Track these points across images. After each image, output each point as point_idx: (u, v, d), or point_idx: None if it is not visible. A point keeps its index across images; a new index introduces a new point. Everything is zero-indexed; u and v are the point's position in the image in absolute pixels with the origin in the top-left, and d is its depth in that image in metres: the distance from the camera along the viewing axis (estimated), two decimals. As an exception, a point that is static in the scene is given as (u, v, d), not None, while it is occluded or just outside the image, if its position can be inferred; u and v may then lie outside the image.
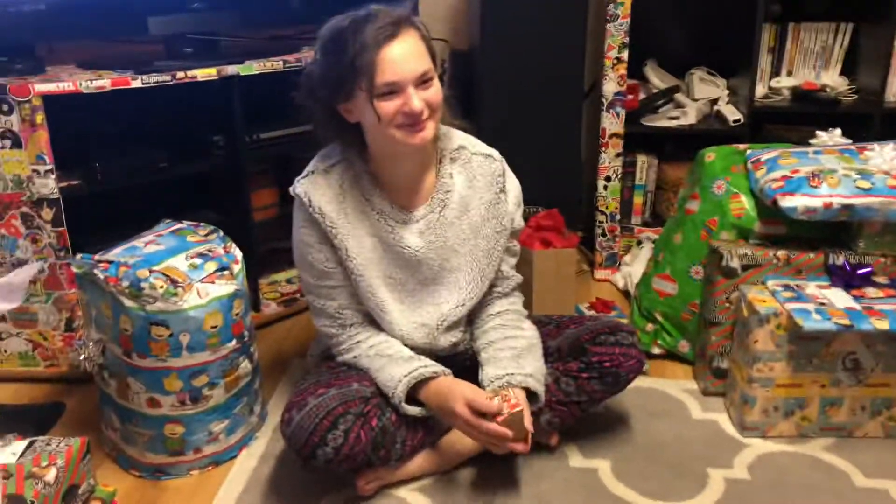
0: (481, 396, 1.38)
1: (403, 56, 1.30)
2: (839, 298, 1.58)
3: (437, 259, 1.49)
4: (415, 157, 1.43)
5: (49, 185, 1.69)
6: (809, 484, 1.49)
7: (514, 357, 1.46)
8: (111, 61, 1.91)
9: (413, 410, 1.42)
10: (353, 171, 1.45)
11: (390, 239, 1.46)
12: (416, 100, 1.32)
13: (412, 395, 1.43)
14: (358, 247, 1.45)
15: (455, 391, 1.39)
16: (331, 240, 1.44)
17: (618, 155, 2.31)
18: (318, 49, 1.37)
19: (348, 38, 1.30)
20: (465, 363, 1.55)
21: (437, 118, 1.39)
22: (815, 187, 1.62)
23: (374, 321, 1.51)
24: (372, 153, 1.44)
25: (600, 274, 2.43)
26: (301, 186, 1.44)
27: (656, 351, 1.94)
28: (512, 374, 1.43)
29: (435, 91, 1.35)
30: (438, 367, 1.44)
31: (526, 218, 2.08)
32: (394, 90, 1.31)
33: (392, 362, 1.45)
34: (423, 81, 1.33)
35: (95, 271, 1.46)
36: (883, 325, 1.48)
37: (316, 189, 1.43)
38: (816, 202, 1.61)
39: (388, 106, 1.32)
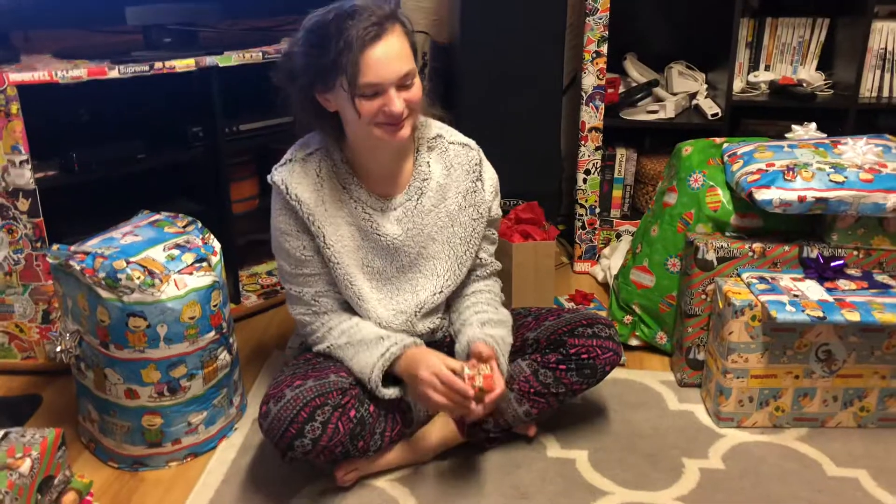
0: (450, 364, 1.38)
1: (387, 58, 1.30)
2: (813, 290, 1.60)
3: (414, 247, 1.50)
4: (392, 148, 1.43)
5: (25, 176, 1.68)
6: (782, 473, 1.51)
7: (481, 324, 1.48)
8: (88, 51, 1.90)
9: (390, 393, 1.43)
10: (331, 159, 1.46)
11: (368, 227, 1.47)
12: (398, 102, 1.33)
13: (390, 373, 1.44)
14: (335, 235, 1.45)
15: (421, 360, 1.40)
16: (308, 227, 1.44)
17: (597, 148, 2.33)
18: (302, 39, 1.35)
19: (332, 33, 1.29)
20: (443, 349, 1.55)
21: (416, 115, 1.40)
22: (790, 181, 1.65)
23: (349, 308, 1.52)
24: (349, 142, 1.44)
25: (580, 266, 2.45)
26: (278, 174, 1.45)
27: (634, 343, 1.96)
28: (474, 335, 1.44)
29: (416, 90, 1.36)
30: (409, 339, 1.45)
31: (506, 211, 2.09)
32: (376, 91, 1.32)
33: (363, 348, 1.45)
34: (404, 82, 1.34)
35: (72, 262, 1.45)
36: (854, 316, 1.50)
37: (293, 177, 1.44)
38: (791, 195, 1.63)
39: (368, 105, 1.32)
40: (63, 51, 1.93)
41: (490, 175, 1.55)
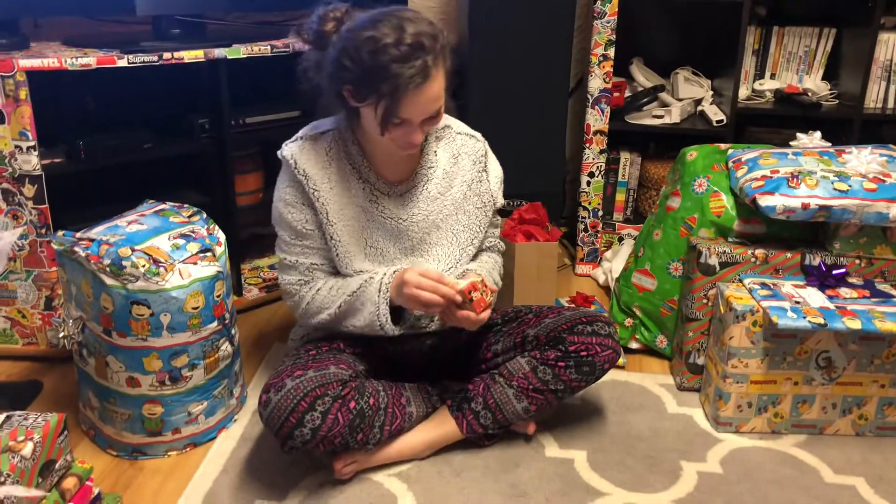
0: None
1: (426, 101, 1.35)
2: (814, 298, 1.60)
3: (418, 232, 1.53)
4: None
5: (32, 162, 1.68)
6: (780, 479, 1.52)
7: (478, 265, 1.58)
8: (97, 40, 1.90)
9: (397, 329, 1.46)
10: (343, 140, 1.49)
11: (374, 208, 1.50)
12: (420, 135, 1.38)
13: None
14: (339, 213, 1.48)
15: (408, 268, 1.43)
16: (313, 202, 1.47)
17: (601, 151, 2.33)
18: (349, 47, 1.32)
19: (383, 62, 1.29)
20: (447, 340, 1.58)
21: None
22: (794, 188, 1.65)
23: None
24: (363, 130, 1.47)
25: (581, 269, 2.45)
26: (288, 149, 1.48)
27: (634, 346, 1.97)
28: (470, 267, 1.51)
29: (438, 119, 1.41)
30: (396, 266, 1.48)
31: (509, 211, 2.10)
32: (404, 122, 1.36)
33: (358, 300, 1.46)
34: (432, 116, 1.38)
35: (76, 248, 1.46)
36: (855, 324, 1.51)
37: (303, 153, 1.47)
38: (795, 202, 1.64)
39: (393, 129, 1.37)
40: (72, 38, 1.94)
41: (495, 166, 1.60)
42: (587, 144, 2.33)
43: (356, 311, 1.47)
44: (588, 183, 2.37)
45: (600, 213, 2.40)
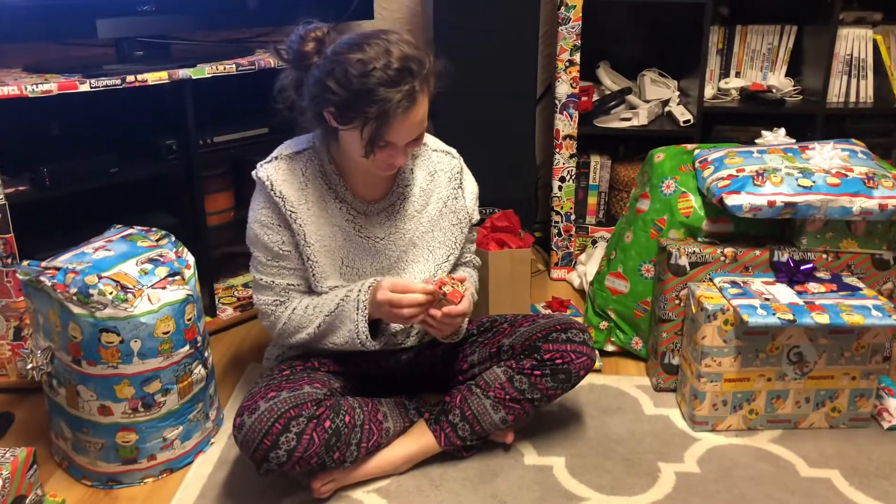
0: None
1: (412, 125, 1.35)
2: (783, 294, 1.62)
3: (395, 250, 1.53)
4: None
5: (-5, 192, 1.66)
6: (756, 475, 1.53)
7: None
8: (59, 65, 1.88)
9: (376, 344, 1.46)
10: (319, 160, 1.49)
11: (351, 228, 1.50)
12: (403, 157, 1.39)
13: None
14: (316, 234, 1.47)
15: (379, 284, 1.42)
16: (290, 224, 1.46)
17: (571, 156, 2.35)
18: (336, 70, 1.31)
19: (371, 86, 1.28)
20: (422, 354, 1.58)
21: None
22: (760, 186, 1.67)
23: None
24: (341, 149, 1.46)
25: (556, 273, 2.46)
26: (263, 171, 1.47)
27: (610, 348, 1.97)
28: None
29: (420, 141, 1.42)
30: (368, 280, 1.47)
31: (482, 219, 2.10)
32: (389, 145, 1.36)
33: (337, 318, 1.45)
34: (415, 138, 1.39)
35: (42, 278, 1.44)
36: (824, 319, 1.52)
37: (279, 174, 1.46)
38: (761, 200, 1.66)
39: (378, 152, 1.37)
40: (33, 65, 1.92)
41: (470, 182, 1.61)
42: (557, 150, 2.34)
43: (335, 329, 1.46)
44: (559, 188, 2.38)
45: (573, 217, 2.41)
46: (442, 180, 1.56)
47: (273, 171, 1.46)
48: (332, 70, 1.31)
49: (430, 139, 1.58)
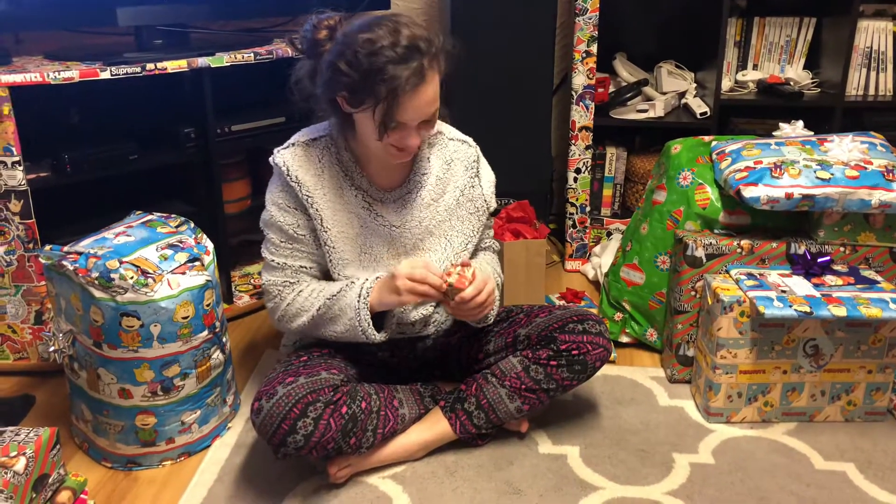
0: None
1: (423, 104, 1.35)
2: (800, 286, 1.62)
3: (411, 238, 1.53)
4: None
5: (17, 177, 1.68)
6: (771, 467, 1.53)
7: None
8: (80, 52, 1.90)
9: (379, 336, 1.45)
10: (336, 147, 1.49)
11: (368, 215, 1.50)
12: (416, 139, 1.39)
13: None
14: (333, 219, 1.48)
15: (394, 273, 1.41)
16: (307, 208, 1.47)
17: (587, 147, 2.34)
18: (346, 51, 1.32)
19: (379, 64, 1.29)
20: (438, 342, 1.58)
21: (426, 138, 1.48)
22: (777, 178, 1.66)
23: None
24: (357, 137, 1.47)
25: (571, 265, 2.46)
26: (280, 156, 1.48)
27: (625, 339, 1.98)
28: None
29: (433, 123, 1.41)
30: (372, 275, 1.47)
31: (497, 210, 2.11)
32: (401, 125, 1.36)
33: (337, 304, 1.45)
34: (428, 119, 1.38)
35: (64, 262, 1.46)
36: (841, 311, 1.52)
37: (295, 160, 1.47)
38: (778, 192, 1.65)
39: (391, 134, 1.37)
40: (55, 52, 1.94)
41: (487, 171, 1.61)
42: (573, 141, 2.34)
43: (335, 316, 1.46)
44: (575, 179, 2.38)
45: (588, 208, 2.41)
46: (458, 169, 1.56)
47: (290, 157, 1.47)
48: (342, 52, 1.33)
49: (446, 128, 1.58)
